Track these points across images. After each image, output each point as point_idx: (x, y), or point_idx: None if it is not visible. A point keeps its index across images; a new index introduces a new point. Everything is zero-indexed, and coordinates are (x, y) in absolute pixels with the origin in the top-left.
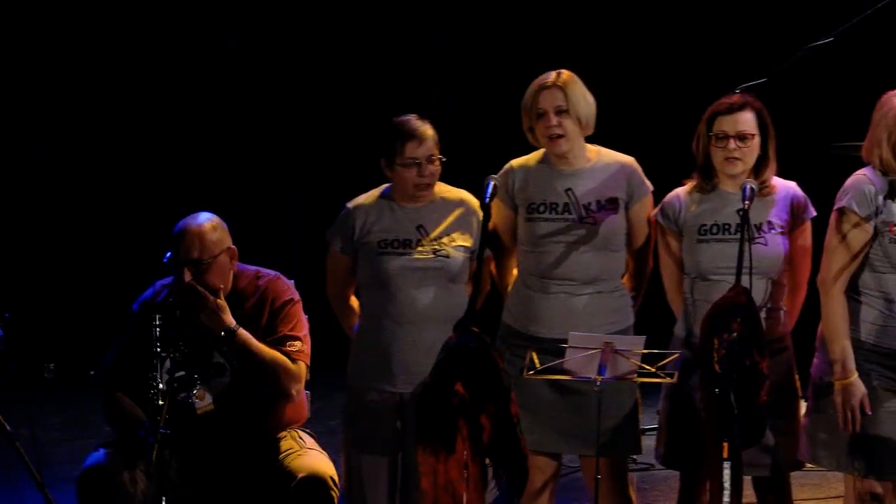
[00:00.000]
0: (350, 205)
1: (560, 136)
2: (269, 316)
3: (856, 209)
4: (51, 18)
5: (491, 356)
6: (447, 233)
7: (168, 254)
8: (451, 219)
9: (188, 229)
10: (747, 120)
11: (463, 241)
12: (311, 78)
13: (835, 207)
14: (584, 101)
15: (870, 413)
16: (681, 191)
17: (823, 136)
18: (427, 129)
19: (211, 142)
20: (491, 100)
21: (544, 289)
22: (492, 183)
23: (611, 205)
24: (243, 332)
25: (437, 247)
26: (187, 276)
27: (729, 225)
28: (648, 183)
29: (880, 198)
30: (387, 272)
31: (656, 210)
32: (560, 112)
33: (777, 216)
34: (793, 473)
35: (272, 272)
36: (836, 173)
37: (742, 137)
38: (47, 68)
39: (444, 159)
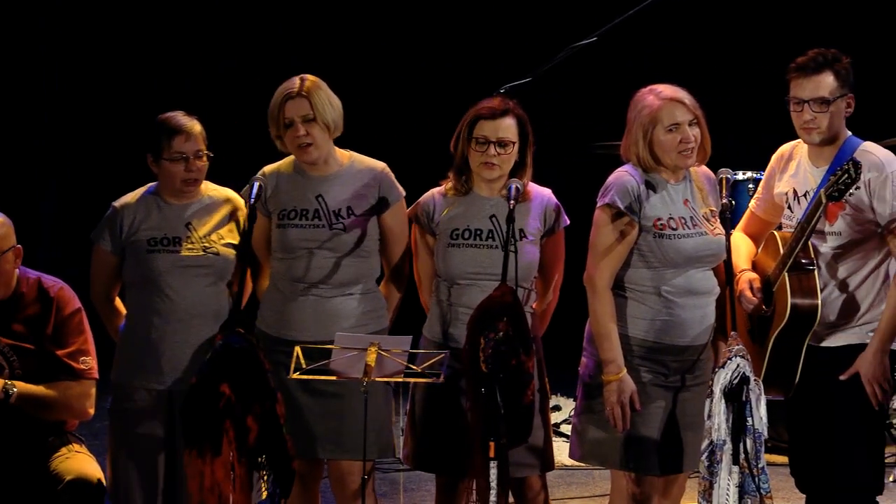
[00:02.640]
0: (116, 204)
1: (309, 145)
2: (56, 325)
3: (619, 205)
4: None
5: (257, 357)
6: (216, 230)
7: None
8: (218, 217)
9: None
10: (509, 126)
11: (231, 238)
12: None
13: (598, 205)
14: (330, 106)
15: (640, 410)
16: (437, 191)
17: (587, 135)
18: (195, 125)
19: None
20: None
21: (297, 293)
22: (257, 184)
23: (362, 210)
24: (21, 388)
25: (206, 244)
26: None
27: (481, 230)
28: (400, 188)
29: (643, 194)
30: (156, 270)
31: (411, 209)
32: (307, 121)
33: (530, 225)
34: (558, 472)
35: (54, 279)
36: (598, 171)
37: (502, 144)
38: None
39: (211, 155)
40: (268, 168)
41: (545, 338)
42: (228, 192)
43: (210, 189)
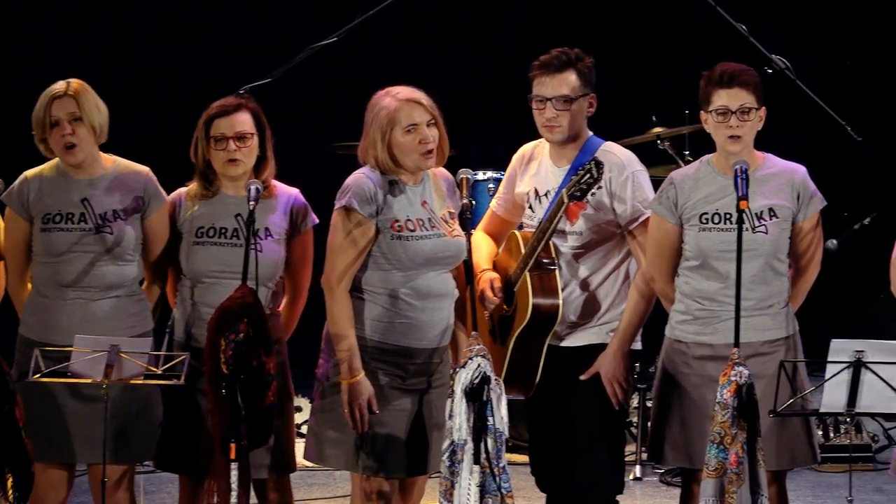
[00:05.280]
0: (27, 173)
1: (74, 145)
2: None
3: (357, 207)
4: None
5: None
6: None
7: None
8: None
9: None
10: (245, 121)
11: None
12: None
13: (336, 207)
14: (97, 109)
15: (377, 412)
16: (184, 191)
17: (326, 135)
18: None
19: None
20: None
21: (62, 297)
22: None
23: (127, 214)
24: None
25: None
26: None
27: (225, 229)
28: (164, 193)
29: (380, 195)
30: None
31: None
32: (74, 120)
33: (275, 224)
34: (300, 474)
35: None
36: (338, 172)
37: (241, 138)
38: None
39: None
40: (30, 172)
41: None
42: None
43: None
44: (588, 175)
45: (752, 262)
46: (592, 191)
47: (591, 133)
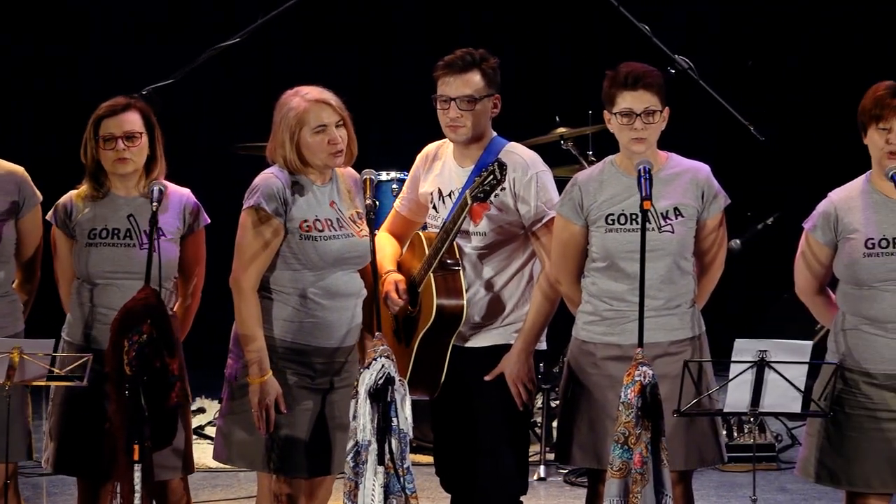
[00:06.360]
0: None
1: None
2: None
3: (265, 207)
4: None
5: None
6: None
7: None
8: None
9: None
10: (133, 120)
11: None
12: None
13: (244, 207)
14: None
15: (285, 411)
16: (74, 194)
17: (229, 136)
18: None
19: None
20: None
21: None
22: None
23: (1, 215)
24: None
25: None
26: None
27: (118, 230)
28: (38, 192)
29: (289, 195)
30: None
31: (50, 212)
32: None
33: (168, 224)
34: (203, 475)
35: None
36: (242, 172)
37: (129, 137)
38: None
39: None
40: None
41: (190, 338)
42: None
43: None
44: (491, 176)
45: (659, 262)
46: (496, 192)
47: (495, 134)
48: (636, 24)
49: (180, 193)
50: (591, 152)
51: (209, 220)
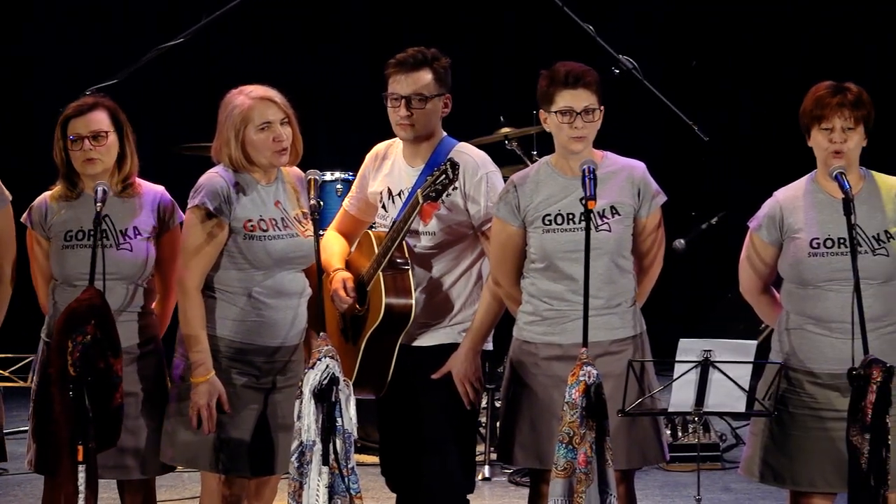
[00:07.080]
0: None
1: None
2: None
3: (210, 206)
4: None
5: None
6: None
7: None
8: None
9: None
10: (100, 120)
11: None
12: None
13: (189, 206)
14: None
15: (229, 412)
16: (48, 195)
17: (174, 136)
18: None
19: None
20: None
21: None
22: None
23: None
24: None
25: None
26: None
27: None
28: (7, 192)
29: (233, 194)
30: None
31: (25, 215)
32: None
33: (143, 222)
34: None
35: None
36: (187, 172)
37: (96, 136)
38: None
39: None
40: None
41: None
42: None
43: None
44: (443, 176)
45: (598, 261)
46: (448, 192)
47: (445, 133)
48: (581, 24)
49: (154, 191)
50: (535, 152)
51: (183, 218)
